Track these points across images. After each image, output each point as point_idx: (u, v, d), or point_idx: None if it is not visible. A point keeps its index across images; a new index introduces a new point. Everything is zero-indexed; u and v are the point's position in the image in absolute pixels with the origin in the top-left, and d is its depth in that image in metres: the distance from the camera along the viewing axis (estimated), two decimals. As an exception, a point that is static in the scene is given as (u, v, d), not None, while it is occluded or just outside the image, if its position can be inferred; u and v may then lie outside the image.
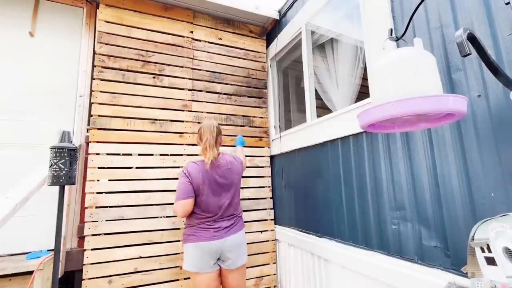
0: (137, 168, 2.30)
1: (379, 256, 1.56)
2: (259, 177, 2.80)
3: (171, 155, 2.43)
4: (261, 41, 3.09)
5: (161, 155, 2.40)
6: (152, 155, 2.37)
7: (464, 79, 1.19)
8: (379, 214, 1.59)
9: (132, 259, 2.14)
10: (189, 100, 2.59)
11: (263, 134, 2.91)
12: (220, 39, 2.84)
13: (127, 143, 2.31)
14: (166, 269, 2.22)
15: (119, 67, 2.37)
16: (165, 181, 2.35)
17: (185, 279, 2.26)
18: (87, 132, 2.37)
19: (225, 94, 2.77)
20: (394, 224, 1.50)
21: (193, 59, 2.67)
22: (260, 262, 2.62)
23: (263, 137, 2.91)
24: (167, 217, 2.31)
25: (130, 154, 2.31)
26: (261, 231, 2.69)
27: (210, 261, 1.73)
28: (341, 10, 2.22)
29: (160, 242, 2.25)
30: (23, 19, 2.45)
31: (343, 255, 1.81)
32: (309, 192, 2.30)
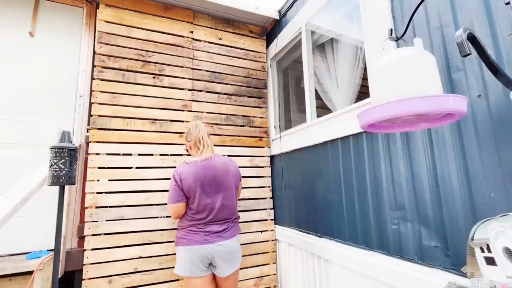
0: (137, 168, 2.30)
1: (379, 256, 1.56)
2: (259, 177, 2.80)
3: (171, 155, 2.43)
4: (261, 41, 3.09)
5: (161, 155, 2.40)
6: (152, 155, 2.37)
7: (464, 79, 1.19)
8: (379, 214, 1.59)
9: (132, 259, 2.14)
10: (189, 100, 2.59)
11: (263, 134, 2.91)
12: (220, 39, 2.84)
13: (127, 143, 2.31)
14: (166, 269, 2.22)
15: (119, 67, 2.37)
16: (165, 181, 2.35)
17: (185, 279, 2.26)
18: (87, 132, 2.37)
19: (225, 94, 2.77)
20: (394, 224, 1.50)
21: (193, 59, 2.67)
22: (260, 262, 2.62)
23: (263, 137, 2.91)
24: (167, 217, 2.31)
25: (130, 154, 2.31)
26: (261, 231, 2.69)
27: (201, 265, 1.70)
28: (341, 10, 2.21)
29: (160, 242, 2.25)
30: (23, 19, 2.45)
31: (343, 255, 1.81)
32: (309, 192, 2.30)
